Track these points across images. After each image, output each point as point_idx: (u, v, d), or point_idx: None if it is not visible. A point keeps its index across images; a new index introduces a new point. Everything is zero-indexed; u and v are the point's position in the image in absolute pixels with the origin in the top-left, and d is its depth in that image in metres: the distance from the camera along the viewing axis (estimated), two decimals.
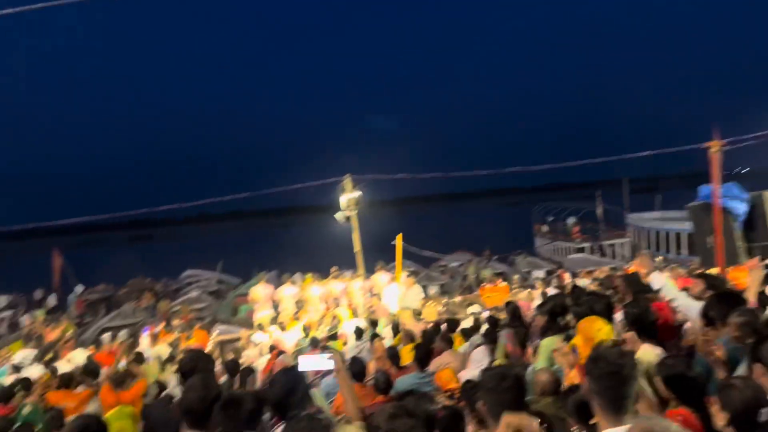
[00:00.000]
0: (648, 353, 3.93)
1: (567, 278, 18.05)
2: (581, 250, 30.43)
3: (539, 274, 24.43)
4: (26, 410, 6.13)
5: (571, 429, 3.15)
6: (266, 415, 2.77)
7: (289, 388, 2.86)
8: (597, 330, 4.13)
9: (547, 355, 5.34)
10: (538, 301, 12.09)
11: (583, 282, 12.43)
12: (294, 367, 3.03)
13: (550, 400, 4.07)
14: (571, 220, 34.54)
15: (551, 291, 12.53)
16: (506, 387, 2.49)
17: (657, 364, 3.28)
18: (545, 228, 36.27)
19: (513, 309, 6.57)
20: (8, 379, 9.69)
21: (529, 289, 17.05)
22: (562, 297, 6.42)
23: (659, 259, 20.33)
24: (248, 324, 17.76)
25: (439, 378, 5.64)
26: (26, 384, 7.30)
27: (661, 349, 4.11)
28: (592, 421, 2.98)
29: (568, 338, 5.03)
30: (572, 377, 4.23)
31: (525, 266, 27.30)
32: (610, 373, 2.18)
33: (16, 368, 10.79)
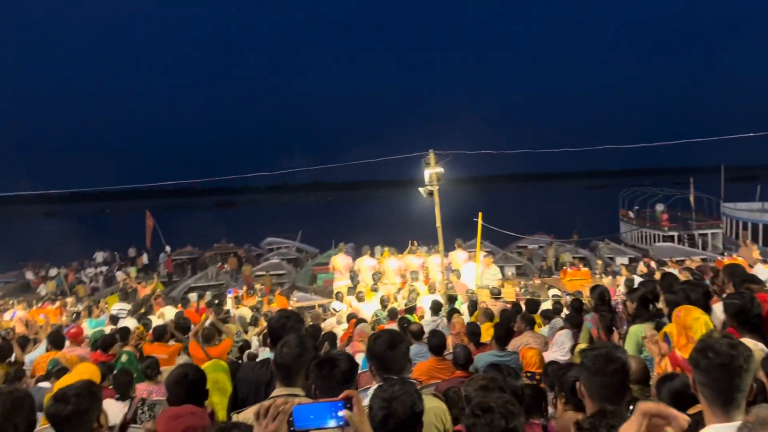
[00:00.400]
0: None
1: (653, 266, 17.38)
2: (669, 238, 29.08)
3: (623, 261, 23.62)
4: (124, 358, 6.54)
5: None
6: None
7: (390, 345, 2.91)
8: (694, 319, 3.93)
9: (635, 342, 5.17)
10: (622, 288, 11.73)
11: (672, 272, 11.90)
12: (398, 331, 3.08)
13: (637, 389, 3.94)
14: (660, 207, 33.02)
15: (637, 278, 12.10)
16: (612, 370, 2.39)
17: (762, 359, 3.09)
18: (632, 214, 34.87)
19: (600, 293, 6.36)
20: (107, 329, 10.38)
21: (611, 275, 16.56)
22: (653, 283, 6.16)
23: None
24: (325, 293, 18.21)
25: (523, 357, 5.57)
26: (124, 334, 7.78)
27: (764, 344, 3.87)
28: (690, 411, 2.86)
29: (659, 326, 4.83)
30: (663, 366, 4.07)
31: (608, 252, 26.49)
32: (720, 365, 2.06)
33: (114, 319, 11.50)
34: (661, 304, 5.27)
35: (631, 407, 2.49)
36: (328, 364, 2.46)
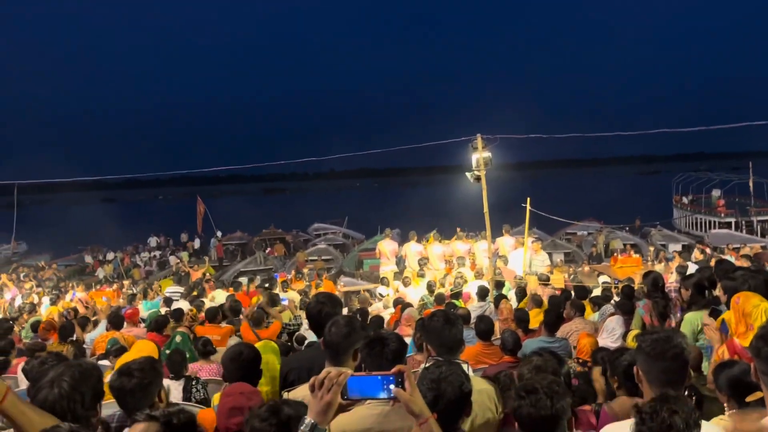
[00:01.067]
0: None
1: (709, 253, 16.86)
2: (726, 225, 28.06)
3: (676, 247, 22.95)
4: (178, 338, 6.74)
5: (724, 405, 2.96)
6: None
7: (447, 321, 2.94)
8: (753, 306, 3.80)
9: (690, 330, 5.05)
10: (675, 276, 11.41)
11: (728, 258, 11.50)
12: (452, 309, 3.09)
13: (694, 376, 3.86)
14: (716, 193, 31.87)
15: (692, 265, 11.76)
16: (673, 354, 2.33)
17: None
18: (686, 200, 33.78)
19: (654, 278, 6.21)
20: (161, 311, 10.72)
21: (664, 262, 16.13)
22: (709, 270, 5.98)
23: None
24: (371, 278, 18.31)
25: (578, 343, 5.50)
26: (178, 315, 8.02)
27: None
28: (748, 399, 2.78)
29: (716, 314, 4.70)
30: (721, 353, 3.96)
31: (660, 239, 25.77)
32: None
33: (168, 301, 11.86)
34: (718, 291, 5.12)
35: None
36: (379, 342, 2.48)
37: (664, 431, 1.85)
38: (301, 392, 2.79)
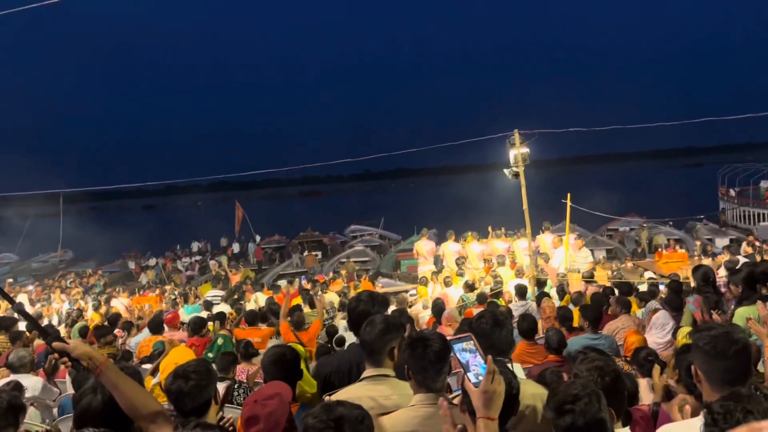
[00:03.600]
0: None
1: (758, 246, 16.30)
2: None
3: (723, 242, 22.23)
4: (220, 341, 6.81)
5: None
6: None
7: (495, 322, 2.86)
8: None
9: (741, 324, 4.84)
10: (723, 271, 11.02)
11: None
12: (497, 311, 3.00)
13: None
14: (764, 184, 30.77)
15: (742, 259, 11.34)
16: (735, 351, 2.19)
17: None
18: (733, 192, 32.71)
19: (704, 272, 5.96)
20: (202, 315, 10.84)
21: (711, 257, 15.65)
22: (762, 264, 5.73)
23: None
24: (409, 279, 18.24)
25: (625, 341, 5.34)
26: (221, 318, 8.10)
27: None
28: None
29: None
30: None
31: (706, 233, 25.03)
32: None
33: (208, 305, 12.01)
34: None
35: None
36: (421, 343, 2.41)
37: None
38: (344, 395, 2.74)
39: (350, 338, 7.53)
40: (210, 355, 6.68)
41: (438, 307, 9.35)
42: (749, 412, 1.75)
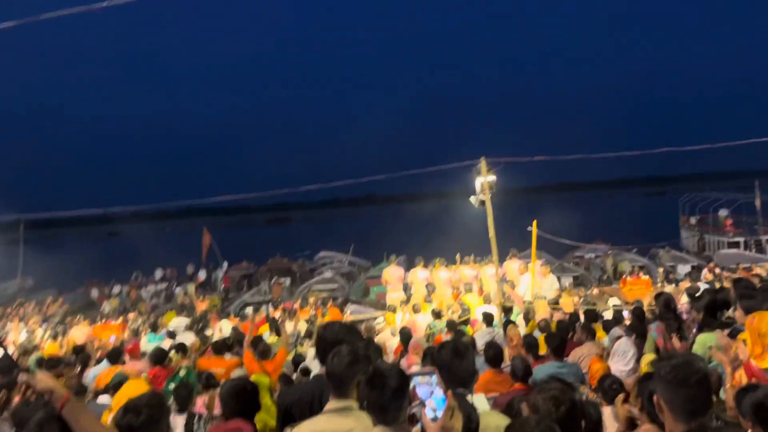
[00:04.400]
0: None
1: (718, 273, 16.68)
2: (734, 244, 27.83)
3: (685, 268, 22.70)
4: (182, 372, 6.63)
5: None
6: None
7: (456, 353, 2.84)
8: None
9: (702, 352, 4.91)
10: (685, 297, 11.24)
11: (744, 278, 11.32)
12: (462, 340, 3.00)
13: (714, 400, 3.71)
14: (723, 212, 31.68)
15: (703, 285, 11.58)
16: (696, 381, 2.19)
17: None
18: (693, 220, 33.57)
19: (666, 300, 6.07)
20: (165, 344, 10.58)
21: (674, 284, 15.96)
22: (722, 291, 5.84)
23: None
24: (378, 306, 18.13)
25: (589, 369, 5.36)
26: (182, 348, 7.91)
27: None
28: None
29: (735, 333, 4.57)
30: (738, 377, 3.83)
31: (669, 260, 25.53)
32: None
33: (172, 334, 11.73)
34: (736, 312, 4.99)
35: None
36: (379, 380, 2.37)
37: None
38: (306, 428, 2.68)
39: (316, 368, 7.43)
40: (172, 386, 6.49)
41: (405, 335, 9.29)
42: None
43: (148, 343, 11.54)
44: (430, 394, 1.97)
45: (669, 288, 14.77)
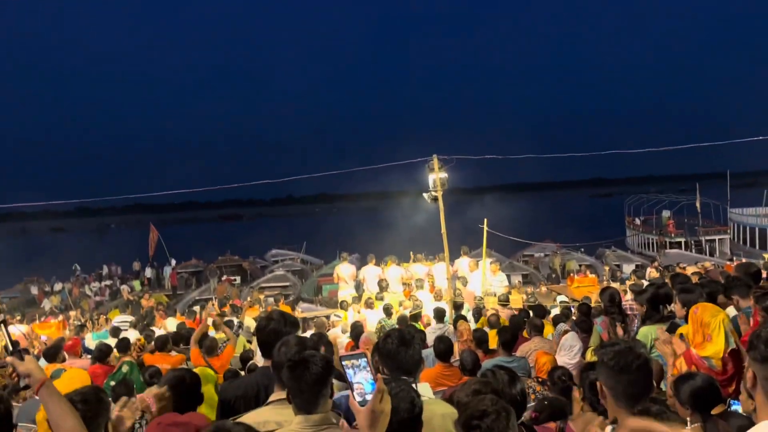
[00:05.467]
0: None
1: (662, 272, 17.22)
2: (676, 244, 28.89)
3: (630, 267, 23.42)
4: (125, 368, 6.43)
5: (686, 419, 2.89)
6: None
7: (402, 342, 2.80)
8: (711, 316, 3.80)
9: (644, 343, 5.04)
10: (630, 295, 11.56)
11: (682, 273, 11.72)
12: (408, 329, 2.96)
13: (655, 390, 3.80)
14: (666, 214, 32.84)
15: (646, 284, 11.93)
16: (637, 366, 2.23)
17: None
18: (638, 221, 34.68)
19: (611, 294, 6.20)
20: (110, 341, 10.24)
21: (620, 282, 16.40)
22: (665, 285, 6.00)
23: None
24: (330, 304, 18.05)
25: (536, 362, 5.43)
26: (124, 345, 7.67)
27: None
28: (714, 412, 2.72)
29: (673, 327, 4.69)
30: (678, 365, 3.93)
31: (614, 259, 26.28)
32: None
33: (116, 331, 11.37)
34: (674, 306, 5.13)
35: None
36: (302, 365, 2.30)
37: None
38: (250, 419, 2.60)
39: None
40: (113, 383, 6.29)
41: (357, 331, 9.24)
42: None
43: (92, 341, 11.16)
44: (361, 377, 1.89)
45: (615, 286, 15.19)
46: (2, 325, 2.51)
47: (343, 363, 1.92)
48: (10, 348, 2.35)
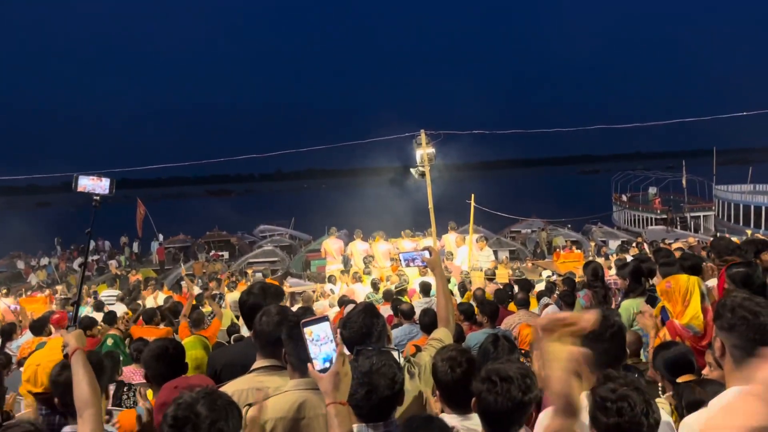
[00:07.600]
0: None
1: (646, 248, 17.39)
2: (662, 221, 29.16)
3: (615, 243, 23.65)
4: (110, 341, 6.44)
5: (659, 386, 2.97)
6: None
7: (366, 328, 2.78)
8: (684, 282, 3.86)
9: (626, 317, 5.11)
10: (614, 269, 11.69)
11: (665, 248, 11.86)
12: (372, 307, 2.93)
13: (630, 361, 3.89)
14: (652, 190, 33.11)
15: (630, 259, 12.06)
16: (611, 334, 2.26)
17: None
18: (625, 197, 34.93)
19: (594, 268, 6.27)
20: (97, 316, 10.22)
21: (605, 258, 16.56)
22: (647, 260, 6.09)
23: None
24: (319, 279, 18.11)
25: (518, 335, 5.50)
26: (110, 317, 7.67)
27: None
28: (680, 380, 2.79)
29: (652, 300, 4.77)
30: (662, 336, 4.01)
31: (600, 235, 26.51)
32: (743, 318, 1.89)
33: (99, 305, 11.31)
34: (656, 280, 5.20)
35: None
36: (299, 329, 2.33)
37: (623, 410, 1.78)
38: (231, 388, 2.64)
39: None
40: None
41: (344, 303, 9.32)
42: (635, 390, 1.81)
43: (79, 315, 11.14)
44: (323, 344, 1.90)
45: (600, 261, 15.34)
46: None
47: (305, 329, 1.91)
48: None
